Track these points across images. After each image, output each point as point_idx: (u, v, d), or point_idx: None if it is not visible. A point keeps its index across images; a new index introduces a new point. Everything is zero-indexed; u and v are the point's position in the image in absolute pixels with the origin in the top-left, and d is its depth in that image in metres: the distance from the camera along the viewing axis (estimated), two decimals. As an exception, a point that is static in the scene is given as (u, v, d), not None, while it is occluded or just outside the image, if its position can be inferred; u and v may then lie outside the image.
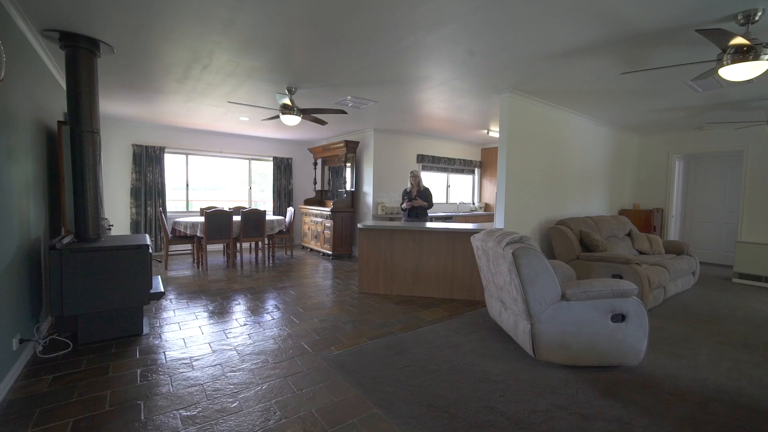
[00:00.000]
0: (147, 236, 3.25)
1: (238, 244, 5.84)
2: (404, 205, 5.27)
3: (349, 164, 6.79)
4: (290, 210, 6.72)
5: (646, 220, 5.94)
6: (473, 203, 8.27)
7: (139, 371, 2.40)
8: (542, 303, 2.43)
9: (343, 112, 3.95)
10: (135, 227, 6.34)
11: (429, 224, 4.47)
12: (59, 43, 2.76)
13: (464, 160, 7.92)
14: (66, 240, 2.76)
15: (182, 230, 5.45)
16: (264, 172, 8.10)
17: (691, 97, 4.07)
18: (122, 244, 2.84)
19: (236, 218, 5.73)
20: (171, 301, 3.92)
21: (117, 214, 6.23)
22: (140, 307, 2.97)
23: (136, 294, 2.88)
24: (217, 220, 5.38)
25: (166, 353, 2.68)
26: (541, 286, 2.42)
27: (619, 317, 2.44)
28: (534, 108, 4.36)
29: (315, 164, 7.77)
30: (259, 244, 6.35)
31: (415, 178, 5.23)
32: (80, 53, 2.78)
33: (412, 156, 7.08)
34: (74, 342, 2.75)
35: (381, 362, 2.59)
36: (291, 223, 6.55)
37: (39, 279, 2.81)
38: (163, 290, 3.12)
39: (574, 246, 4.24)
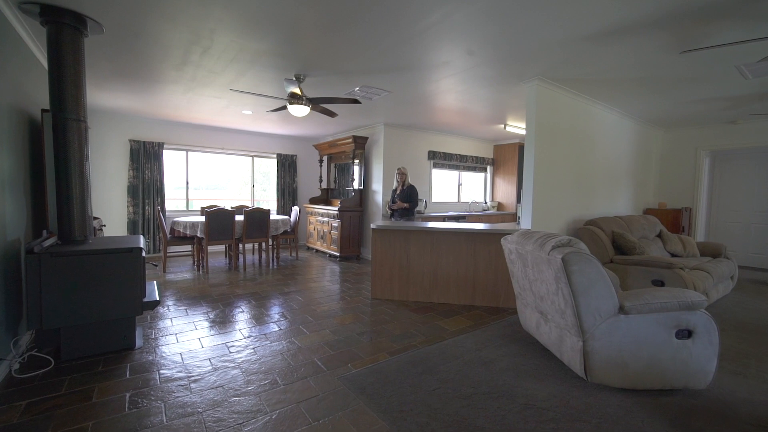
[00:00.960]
0: (141, 237, 2.92)
1: (240, 245, 5.51)
2: (389, 207, 5.05)
3: (357, 161, 6.45)
4: (295, 209, 6.39)
5: (674, 220, 5.59)
6: (485, 202, 7.92)
7: (128, 395, 2.07)
8: (596, 316, 2.09)
9: (356, 101, 3.62)
10: (132, 227, 6.01)
11: (448, 225, 4.12)
12: (40, 19, 2.43)
13: (476, 158, 7.58)
14: (48, 242, 2.43)
15: (181, 230, 5.12)
16: (266, 170, 7.77)
17: (738, 85, 3.72)
18: (112, 247, 2.51)
19: (239, 218, 5.41)
20: (168, 309, 3.60)
21: (113, 213, 5.91)
22: (132, 318, 2.64)
23: (128, 303, 2.55)
24: (218, 220, 5.05)
25: (161, 372, 2.35)
26: (596, 297, 2.08)
27: (685, 333, 2.10)
28: (562, 98, 4.02)
29: (321, 161, 7.44)
30: (263, 245, 6.02)
31: (402, 175, 4.91)
32: (64, 30, 2.45)
33: (423, 152, 6.74)
34: (57, 358, 2.43)
35: (407, 383, 2.26)
36: (296, 222, 6.22)
37: (18, 287, 2.48)
38: (158, 299, 2.79)
39: (606, 248, 3.90)
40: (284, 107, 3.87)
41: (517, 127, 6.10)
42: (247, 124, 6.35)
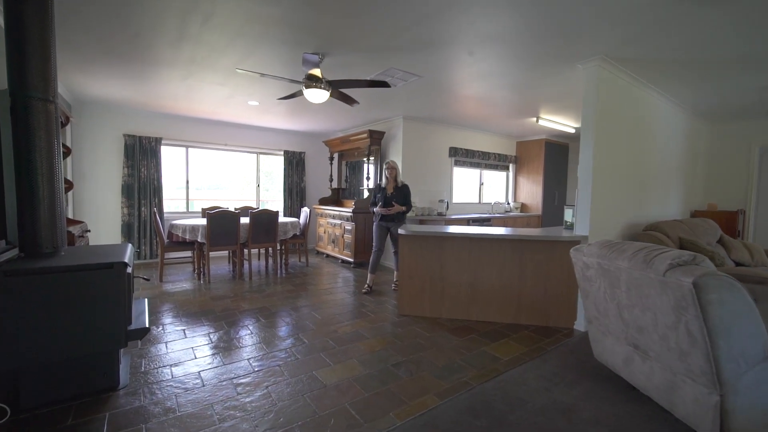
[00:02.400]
0: (129, 247, 2.38)
1: (245, 251, 4.97)
2: (377, 210, 4.03)
3: (372, 158, 5.90)
4: (305, 210, 5.85)
5: (728, 224, 5.02)
6: (507, 203, 7.36)
7: (101, 469, 1.52)
8: (741, 363, 1.53)
9: (385, 84, 3.06)
10: (127, 230, 5.48)
11: (490, 230, 3.56)
12: (-6, -31, 1.89)
13: (499, 155, 7.01)
14: (4, 256, 1.89)
15: (180, 234, 4.58)
16: (271, 169, 7.23)
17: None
18: (87, 263, 1.96)
19: (244, 220, 4.86)
20: (164, 329, 3.05)
21: (106, 215, 5.38)
22: (115, 351, 2.10)
23: (108, 334, 2.00)
24: (221, 223, 4.51)
25: (149, 426, 1.80)
26: (741, 337, 1.52)
27: None
28: (620, 84, 3.45)
29: (331, 159, 6.89)
30: (270, 250, 5.48)
31: (393, 170, 4.06)
32: (25, -16, 1.90)
33: (443, 149, 6.18)
34: (14, 407, 1.88)
35: (473, 446, 1.70)
36: (306, 225, 5.67)
37: (-33, 312, 1.94)
38: (147, 325, 2.24)
39: (674, 258, 3.33)
40: (299, 93, 3.32)
41: (551, 120, 5.54)
42: (253, 118, 5.81)
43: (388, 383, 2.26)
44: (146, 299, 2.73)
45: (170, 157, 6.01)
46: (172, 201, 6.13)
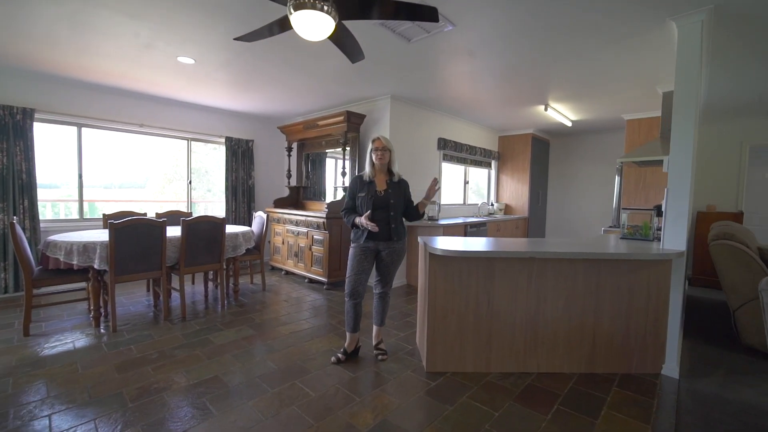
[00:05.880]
0: None
1: (176, 276, 3.42)
2: (362, 221, 2.35)
3: (349, 148, 4.65)
4: (259, 216, 4.40)
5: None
6: (491, 204, 6.60)
7: None
8: None
9: (433, 14, 1.87)
10: (-28, 250, 3.54)
11: (553, 245, 2.56)
12: None
13: (484, 150, 6.21)
14: None
15: (63, 258, 2.89)
16: (206, 163, 5.58)
17: None
18: None
19: (173, 232, 3.32)
20: (7, 463, 1.54)
21: (-70, 226, 3.39)
22: None
23: None
24: (135, 237, 2.94)
25: None
26: None
27: None
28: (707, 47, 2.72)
29: (289, 150, 5.46)
30: (213, 273, 3.96)
31: (385, 152, 2.44)
32: None
33: (433, 140, 5.16)
34: None
35: None
36: (262, 236, 4.24)
37: None
38: None
39: (761, 275, 2.69)
40: (277, 29, 2.00)
41: (558, 112, 4.83)
42: (182, 90, 4.20)
43: None
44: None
45: (50, 139, 4.12)
46: (56, 203, 4.25)
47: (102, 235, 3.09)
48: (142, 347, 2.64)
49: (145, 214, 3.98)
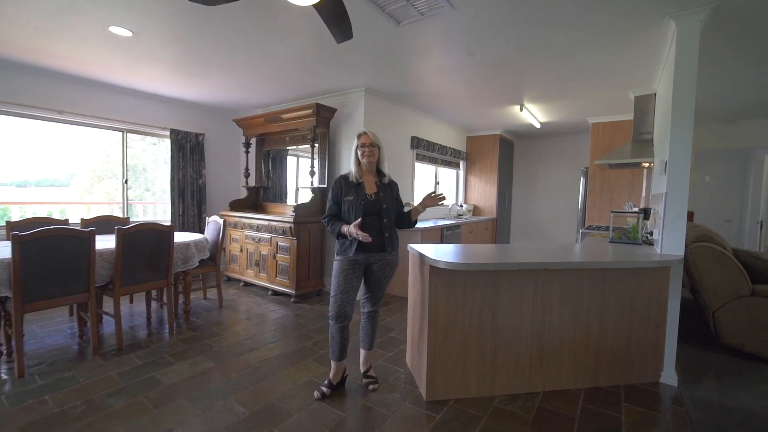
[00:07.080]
0: None
1: (108, 299, 2.78)
2: (350, 230, 1.98)
3: (318, 144, 4.21)
4: (214, 221, 3.82)
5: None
6: (460, 205, 6.49)
7: None
8: None
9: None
10: None
11: (562, 254, 2.36)
12: None
13: (454, 150, 6.06)
14: None
15: (-55, 282, 2.17)
16: (146, 159, 4.83)
17: None
18: None
19: (104, 244, 2.68)
20: None
21: None
22: None
23: None
24: (50, 253, 2.30)
25: None
26: None
27: None
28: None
29: (247, 146, 4.87)
30: (158, 291, 3.33)
31: (374, 148, 2.10)
32: None
33: (406, 139, 4.88)
34: None
35: None
36: (218, 244, 3.67)
37: None
38: None
39: (740, 276, 2.73)
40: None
41: (530, 113, 4.78)
42: (116, 69, 3.49)
43: None
44: None
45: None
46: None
47: (4, 250, 2.39)
48: (62, 397, 2.03)
49: (66, 221, 3.25)
